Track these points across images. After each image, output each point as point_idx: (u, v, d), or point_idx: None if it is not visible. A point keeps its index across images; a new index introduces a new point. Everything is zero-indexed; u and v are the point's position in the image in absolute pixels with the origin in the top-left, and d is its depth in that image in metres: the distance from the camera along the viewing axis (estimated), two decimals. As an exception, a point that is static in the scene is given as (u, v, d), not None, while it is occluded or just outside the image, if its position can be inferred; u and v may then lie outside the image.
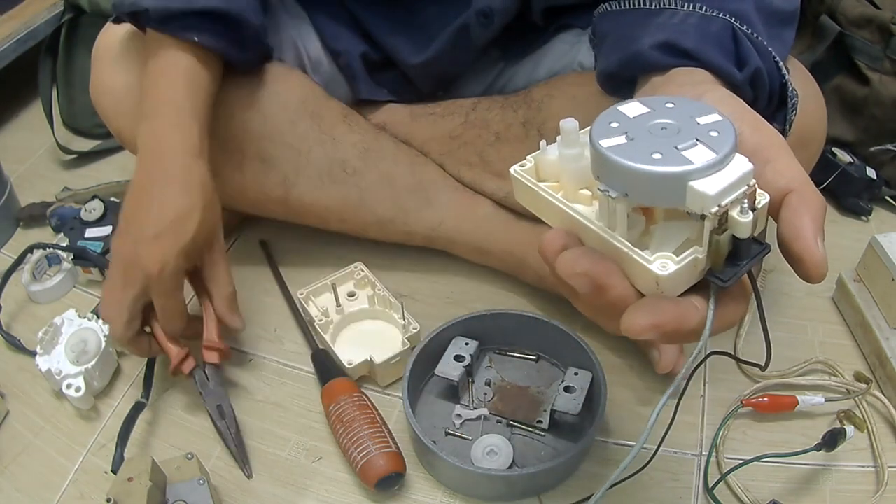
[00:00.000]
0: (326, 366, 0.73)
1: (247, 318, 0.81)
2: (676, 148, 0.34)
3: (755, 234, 0.35)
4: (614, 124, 0.37)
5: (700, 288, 0.36)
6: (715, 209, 0.33)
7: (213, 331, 0.71)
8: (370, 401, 0.68)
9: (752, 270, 0.37)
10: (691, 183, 0.33)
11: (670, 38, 0.49)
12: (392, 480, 0.63)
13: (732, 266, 0.35)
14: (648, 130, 0.36)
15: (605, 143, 0.35)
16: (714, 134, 0.35)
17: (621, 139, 0.35)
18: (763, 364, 0.42)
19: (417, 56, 0.78)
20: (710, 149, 0.34)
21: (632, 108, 0.38)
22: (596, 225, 0.37)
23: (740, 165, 0.34)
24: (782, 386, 0.73)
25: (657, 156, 0.34)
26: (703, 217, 0.34)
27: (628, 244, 0.36)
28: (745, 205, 0.34)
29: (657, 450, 0.62)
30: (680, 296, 0.36)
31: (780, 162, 0.38)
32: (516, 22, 0.77)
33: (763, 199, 0.36)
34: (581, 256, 0.37)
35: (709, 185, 0.33)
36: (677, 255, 0.35)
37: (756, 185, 0.35)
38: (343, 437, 0.65)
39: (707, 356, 0.41)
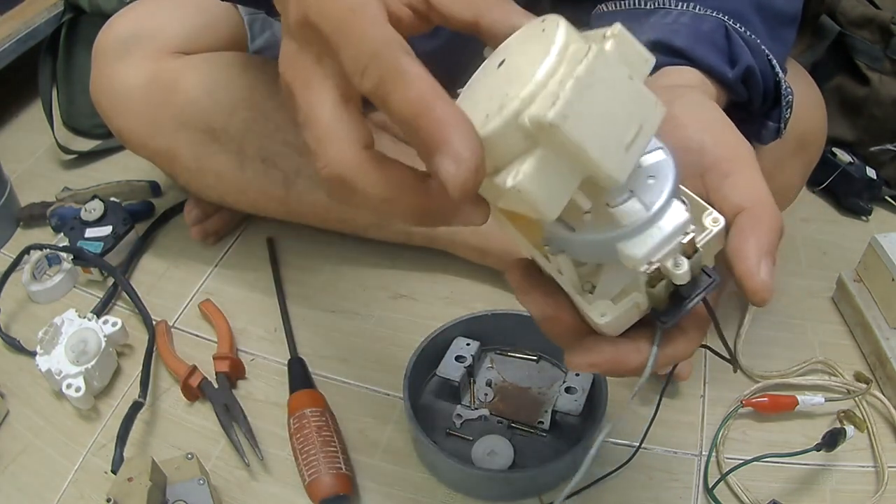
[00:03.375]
0: (297, 375, 0.73)
1: (247, 318, 0.81)
2: (608, 205, 0.33)
3: (704, 267, 0.34)
4: None
5: (649, 323, 0.36)
6: (644, 268, 0.32)
7: (226, 344, 0.76)
8: (332, 417, 0.68)
9: (710, 297, 0.36)
10: (619, 245, 0.32)
11: (661, 36, 0.49)
12: (337, 501, 0.62)
13: (677, 305, 0.34)
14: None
15: None
16: (650, 181, 0.33)
17: None
18: (734, 367, 0.42)
19: (428, 44, 0.77)
20: (643, 203, 0.33)
21: None
22: (546, 266, 0.37)
23: (674, 217, 0.32)
24: (782, 386, 0.73)
25: (587, 217, 0.33)
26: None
27: (572, 289, 0.36)
28: (679, 259, 0.32)
29: (639, 447, 0.63)
30: (629, 331, 0.36)
31: (739, 176, 0.37)
32: None
33: (717, 226, 0.35)
34: (532, 288, 0.37)
35: (636, 247, 0.32)
36: (618, 300, 0.34)
37: (694, 234, 0.33)
38: (297, 450, 0.65)
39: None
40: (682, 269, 0.32)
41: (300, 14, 0.33)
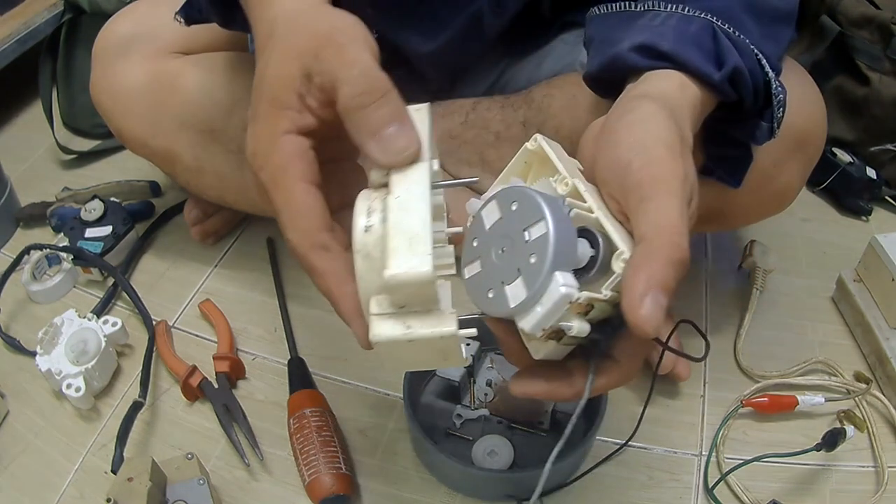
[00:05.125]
0: (297, 375, 0.73)
1: (247, 318, 0.81)
2: (503, 283, 0.37)
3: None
4: (475, 242, 0.40)
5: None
6: (539, 334, 0.36)
7: (226, 344, 0.76)
8: (332, 417, 0.68)
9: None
10: (515, 319, 0.37)
11: (648, 40, 0.49)
12: (337, 501, 0.62)
13: (598, 342, 0.39)
14: (493, 254, 0.38)
15: (466, 271, 0.39)
16: (532, 260, 0.36)
17: (476, 267, 0.39)
18: (700, 357, 0.46)
19: (428, 44, 0.78)
20: (525, 283, 0.36)
21: (489, 213, 0.39)
22: None
23: (553, 294, 0.35)
24: (782, 386, 0.73)
25: (490, 294, 0.38)
26: None
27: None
28: (567, 323, 0.36)
29: (626, 442, 0.64)
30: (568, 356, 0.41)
31: (652, 203, 0.37)
32: (524, 15, 0.77)
33: (622, 259, 0.37)
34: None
35: (526, 322, 0.36)
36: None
37: (581, 297, 0.36)
38: (297, 450, 0.65)
39: (677, 324, 0.50)
40: (572, 332, 0.36)
41: (247, 150, 0.43)
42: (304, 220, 0.39)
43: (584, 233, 0.39)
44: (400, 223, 0.35)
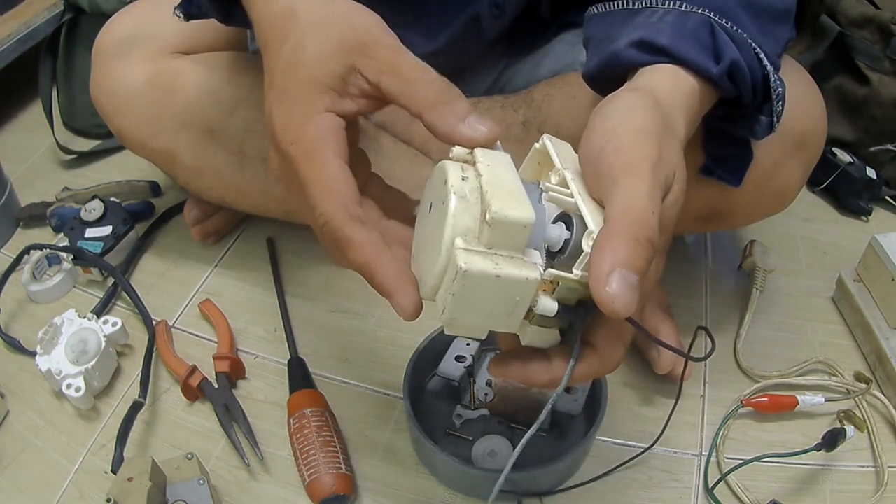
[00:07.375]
0: (297, 375, 0.73)
1: (247, 318, 0.81)
2: None
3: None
4: None
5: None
6: None
7: (226, 344, 0.76)
8: (332, 417, 0.68)
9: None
10: None
11: (645, 35, 0.49)
12: (337, 501, 0.62)
13: (579, 315, 0.40)
14: None
15: None
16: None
17: None
18: (702, 358, 0.50)
19: (426, 46, 0.78)
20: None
21: None
22: None
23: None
24: (782, 386, 0.73)
25: None
26: None
27: None
28: (535, 300, 0.38)
29: (650, 446, 0.63)
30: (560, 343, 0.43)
31: (621, 185, 0.38)
32: (524, 16, 0.77)
33: (591, 237, 0.38)
34: None
35: None
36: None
37: (545, 274, 0.38)
38: (297, 450, 0.65)
39: (695, 334, 0.49)
40: (538, 308, 0.38)
41: (276, 125, 0.42)
42: (341, 193, 0.40)
43: (562, 217, 0.40)
44: (496, 181, 0.38)
